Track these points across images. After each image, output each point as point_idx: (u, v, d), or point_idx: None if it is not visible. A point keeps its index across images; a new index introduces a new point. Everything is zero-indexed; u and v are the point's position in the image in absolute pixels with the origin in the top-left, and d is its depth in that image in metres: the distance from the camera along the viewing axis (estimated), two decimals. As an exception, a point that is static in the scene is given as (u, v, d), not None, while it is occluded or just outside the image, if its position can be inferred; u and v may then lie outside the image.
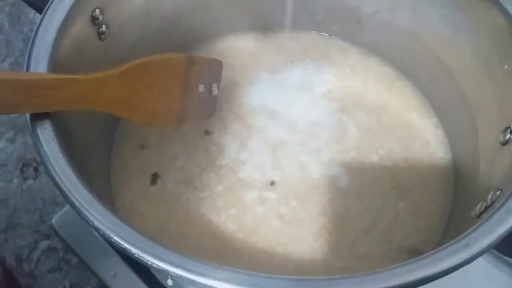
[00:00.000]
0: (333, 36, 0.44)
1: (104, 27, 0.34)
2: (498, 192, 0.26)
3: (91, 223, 0.23)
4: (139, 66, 0.31)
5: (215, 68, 0.38)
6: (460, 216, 0.32)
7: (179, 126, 0.37)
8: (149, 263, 0.22)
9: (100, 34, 0.34)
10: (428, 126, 0.40)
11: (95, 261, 0.37)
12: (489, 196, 0.27)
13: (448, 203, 0.36)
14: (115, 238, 0.23)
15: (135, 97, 0.32)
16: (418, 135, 0.39)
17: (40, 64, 0.29)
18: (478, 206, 0.28)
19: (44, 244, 0.40)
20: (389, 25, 0.40)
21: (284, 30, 0.45)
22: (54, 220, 0.40)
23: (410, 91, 0.42)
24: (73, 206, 0.24)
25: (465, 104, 0.36)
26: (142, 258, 0.22)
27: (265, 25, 0.45)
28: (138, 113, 0.33)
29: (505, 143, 0.30)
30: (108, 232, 0.23)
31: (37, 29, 0.30)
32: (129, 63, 0.31)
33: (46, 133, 0.27)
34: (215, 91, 0.38)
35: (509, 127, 0.30)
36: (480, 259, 0.23)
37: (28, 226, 0.41)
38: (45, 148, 0.26)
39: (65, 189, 0.24)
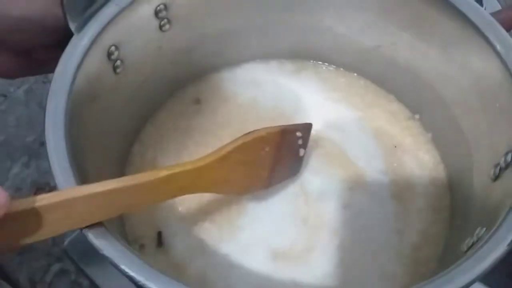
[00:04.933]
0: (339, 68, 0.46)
1: (119, 62, 0.36)
2: (484, 229, 0.27)
3: (100, 251, 0.25)
4: (238, 147, 0.32)
5: (304, 132, 0.38)
6: (453, 249, 0.33)
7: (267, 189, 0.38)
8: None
9: (115, 68, 0.36)
10: (428, 159, 0.41)
11: (107, 283, 0.38)
12: (476, 232, 0.28)
13: (444, 235, 0.37)
14: (122, 267, 0.24)
15: (230, 176, 0.33)
16: (416, 165, 0.41)
17: (60, 97, 0.31)
18: (467, 241, 0.29)
19: (56, 266, 0.41)
20: (390, 59, 0.42)
21: (286, 62, 0.47)
22: (66, 243, 0.40)
23: (412, 123, 0.43)
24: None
25: (463, 139, 0.37)
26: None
27: (269, 55, 0.46)
28: (232, 187, 0.34)
29: (495, 179, 0.31)
30: (115, 261, 0.25)
31: (58, 64, 0.32)
32: (228, 147, 0.32)
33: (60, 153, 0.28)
34: (301, 153, 0.39)
35: (499, 164, 0.31)
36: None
37: (41, 249, 0.42)
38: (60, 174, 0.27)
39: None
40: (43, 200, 0.22)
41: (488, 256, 0.24)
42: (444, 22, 0.36)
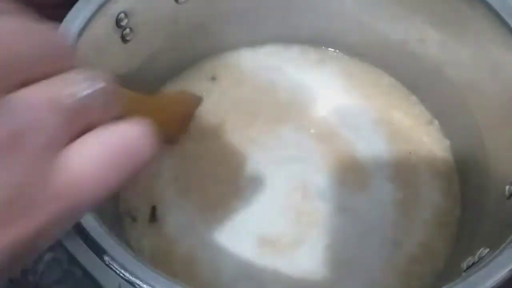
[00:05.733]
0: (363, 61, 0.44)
1: (128, 30, 0.35)
2: (487, 250, 0.25)
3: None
4: (172, 97, 0.41)
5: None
6: (454, 267, 0.31)
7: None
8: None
9: (124, 36, 0.35)
10: (443, 170, 0.38)
11: (100, 273, 0.37)
12: (478, 252, 0.26)
13: (447, 251, 0.34)
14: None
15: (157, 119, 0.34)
16: (429, 175, 0.38)
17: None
18: (467, 260, 0.27)
19: (48, 255, 0.39)
20: (416, 56, 0.39)
21: (309, 49, 0.45)
22: (59, 231, 0.40)
23: (431, 128, 0.40)
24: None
25: (482, 151, 0.35)
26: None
27: (291, 39, 0.44)
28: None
29: (509, 197, 0.29)
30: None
31: (60, 26, 0.31)
32: (166, 93, 0.40)
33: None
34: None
35: (514, 182, 0.29)
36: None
37: (33, 238, 0.41)
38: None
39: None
40: None
41: (484, 281, 0.22)
42: (477, 21, 0.33)
